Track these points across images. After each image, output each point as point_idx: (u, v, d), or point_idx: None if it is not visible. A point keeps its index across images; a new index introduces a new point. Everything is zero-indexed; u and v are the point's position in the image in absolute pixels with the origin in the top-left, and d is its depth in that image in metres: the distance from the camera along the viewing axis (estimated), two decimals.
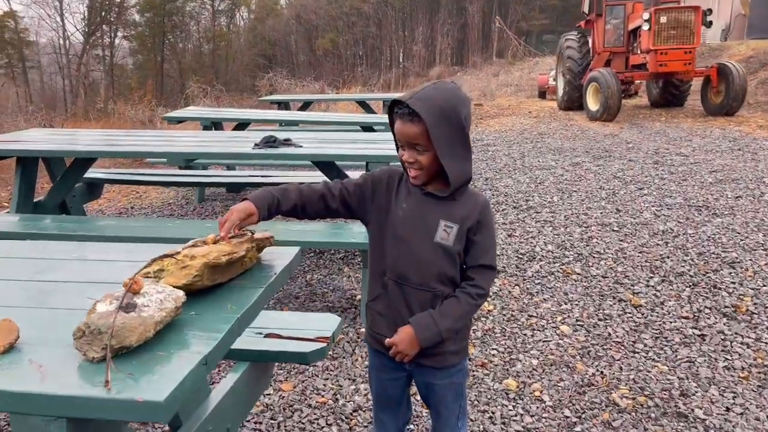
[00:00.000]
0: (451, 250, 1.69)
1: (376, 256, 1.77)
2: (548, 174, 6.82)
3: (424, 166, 1.64)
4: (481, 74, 25.43)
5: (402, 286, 1.71)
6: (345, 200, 1.74)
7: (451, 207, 1.70)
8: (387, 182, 1.75)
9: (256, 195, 1.67)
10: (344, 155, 3.52)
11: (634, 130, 9.54)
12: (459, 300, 1.71)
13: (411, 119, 1.60)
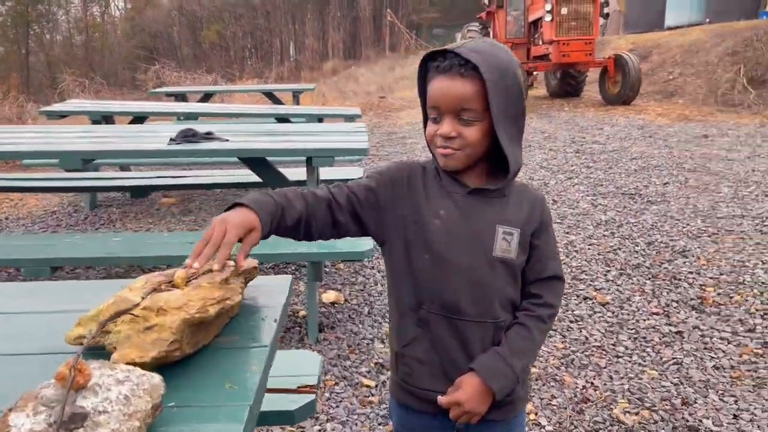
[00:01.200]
0: (514, 264, 1.27)
1: (404, 284, 1.30)
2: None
3: (470, 143, 1.20)
4: (376, 68, 25.26)
5: (452, 320, 1.26)
6: (355, 211, 1.26)
7: (504, 206, 1.28)
8: (408, 181, 1.29)
9: (255, 200, 1.14)
10: (281, 150, 2.99)
11: (544, 119, 9.60)
12: (528, 328, 1.28)
13: (462, 74, 1.16)
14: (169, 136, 3.21)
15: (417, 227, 1.26)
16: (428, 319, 1.27)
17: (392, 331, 1.38)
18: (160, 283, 1.00)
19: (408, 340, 1.31)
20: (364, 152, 2.97)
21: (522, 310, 1.30)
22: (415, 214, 1.27)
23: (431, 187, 1.29)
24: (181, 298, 0.93)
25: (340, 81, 21.96)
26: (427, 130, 1.26)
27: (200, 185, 4.35)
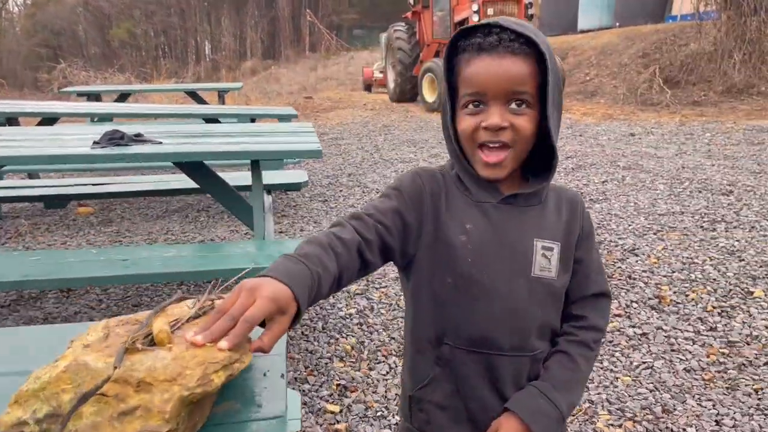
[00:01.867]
0: (555, 285, 1.07)
1: (423, 314, 1.08)
2: (411, 167, 6.43)
3: (523, 136, 0.99)
4: (297, 68, 24.88)
5: (481, 356, 1.05)
6: (384, 244, 1.01)
7: (541, 214, 1.07)
8: (429, 192, 1.06)
9: (288, 271, 0.85)
10: (225, 153, 2.68)
11: None
12: (571, 357, 1.08)
13: (514, 51, 0.95)
14: (92, 139, 2.82)
15: (440, 246, 1.04)
16: (451, 357, 1.06)
17: (405, 370, 1.16)
18: (133, 338, 0.72)
19: (425, 381, 1.09)
20: (317, 154, 2.71)
21: (564, 334, 1.11)
22: (438, 230, 1.04)
23: (454, 197, 1.06)
24: (172, 364, 0.67)
25: (261, 81, 21.43)
26: (465, 124, 1.01)
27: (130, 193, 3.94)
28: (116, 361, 0.68)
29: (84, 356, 0.70)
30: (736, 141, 6.91)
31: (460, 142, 1.05)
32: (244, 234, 4.58)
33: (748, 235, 4.09)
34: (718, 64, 9.91)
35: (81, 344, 0.76)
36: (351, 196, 5.50)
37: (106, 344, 0.73)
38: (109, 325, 0.80)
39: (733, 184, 5.20)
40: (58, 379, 0.68)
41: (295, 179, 3.58)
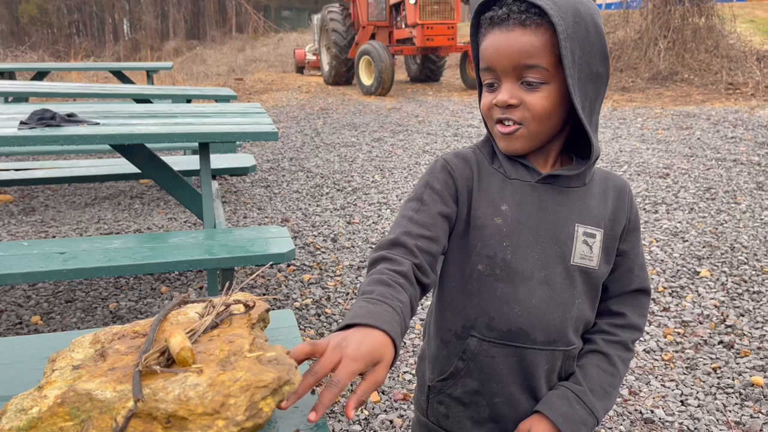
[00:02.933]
0: (596, 275, 0.99)
1: (450, 303, 1.00)
2: (356, 151, 6.30)
3: (536, 114, 0.90)
4: (224, 49, 24.11)
5: (513, 349, 0.96)
6: (432, 255, 0.93)
7: (585, 198, 0.99)
8: (463, 177, 0.98)
9: (377, 315, 0.76)
10: (171, 134, 2.46)
11: (413, 103, 9.55)
12: (610, 359, 1.01)
13: (524, 23, 0.87)
14: (18, 119, 2.54)
15: (473, 231, 0.95)
16: (478, 351, 0.97)
17: (426, 358, 1.06)
18: (147, 359, 0.56)
19: (447, 373, 1.01)
20: (273, 136, 2.53)
21: (600, 332, 1.03)
22: (471, 213, 0.96)
23: (488, 176, 0.97)
24: (209, 392, 0.52)
25: (187, 62, 20.62)
26: (483, 101, 0.95)
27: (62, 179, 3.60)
28: (136, 392, 0.53)
29: (83, 383, 0.55)
30: (666, 125, 7.17)
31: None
32: (184, 222, 4.32)
33: (688, 216, 4.22)
34: (644, 51, 10.26)
35: (68, 364, 0.60)
36: (294, 180, 5.31)
37: (108, 365, 0.58)
38: (99, 340, 0.65)
39: (669, 167, 5.38)
40: (52, 414, 0.53)
41: (242, 163, 3.37)
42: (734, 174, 5.08)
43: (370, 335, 0.72)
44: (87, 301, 3.13)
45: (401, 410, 2.29)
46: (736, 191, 4.66)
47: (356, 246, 3.84)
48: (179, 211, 4.56)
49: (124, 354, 0.62)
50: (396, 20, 11.58)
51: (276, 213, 4.48)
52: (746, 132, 6.55)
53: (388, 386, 2.43)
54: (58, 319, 2.93)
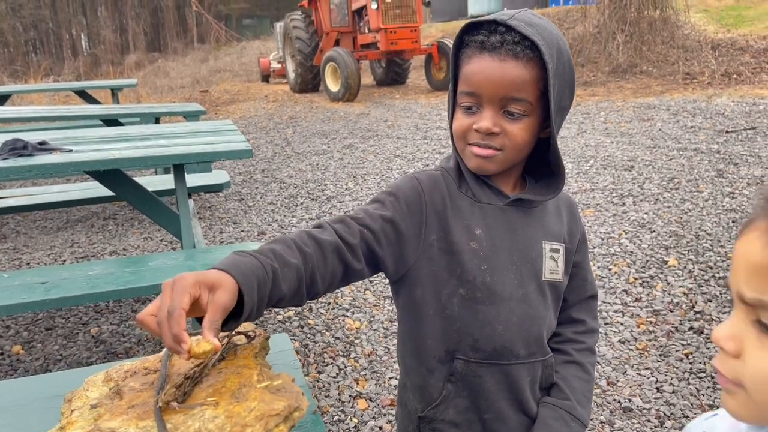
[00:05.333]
0: (561, 287, 1.07)
1: (430, 330, 1.03)
2: (327, 159, 6.34)
3: (515, 144, 0.95)
4: (186, 60, 23.85)
5: (498, 366, 1.01)
6: (371, 252, 0.95)
7: (544, 217, 1.05)
8: (429, 198, 1.01)
9: (229, 262, 0.77)
10: (146, 158, 2.48)
11: (381, 108, 9.62)
12: (584, 367, 1.08)
13: (517, 55, 0.90)
14: None
15: (449, 256, 0.99)
16: (465, 372, 1.01)
17: (409, 389, 1.09)
18: (166, 397, 0.61)
19: (437, 399, 1.04)
20: (247, 153, 2.57)
21: (569, 341, 1.10)
22: (445, 239, 0.99)
23: (458, 200, 1.02)
24: (227, 423, 0.57)
25: (149, 75, 20.37)
26: (458, 123, 0.98)
27: (40, 205, 3.57)
28: (160, 429, 0.57)
29: (106, 422, 0.59)
30: (628, 118, 7.36)
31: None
32: (160, 241, 4.31)
33: (654, 207, 4.36)
34: (603, 45, 10.50)
35: (85, 404, 0.64)
36: (268, 192, 5.33)
37: (126, 403, 0.62)
38: (112, 378, 0.69)
39: (633, 160, 5.53)
40: None
41: (216, 180, 3.39)
42: (695, 163, 5.26)
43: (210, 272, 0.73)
44: (68, 327, 3.12)
45: (389, 416, 2.35)
46: (698, 180, 4.82)
47: None
48: (154, 230, 4.55)
49: (139, 391, 0.66)
50: (359, 25, 11.64)
51: (252, 226, 4.50)
52: (705, 121, 6.77)
53: (375, 393, 2.48)
54: (39, 348, 2.91)
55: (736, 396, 0.58)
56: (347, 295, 3.34)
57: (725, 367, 0.58)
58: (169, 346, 0.65)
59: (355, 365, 2.68)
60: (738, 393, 0.58)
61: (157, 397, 0.63)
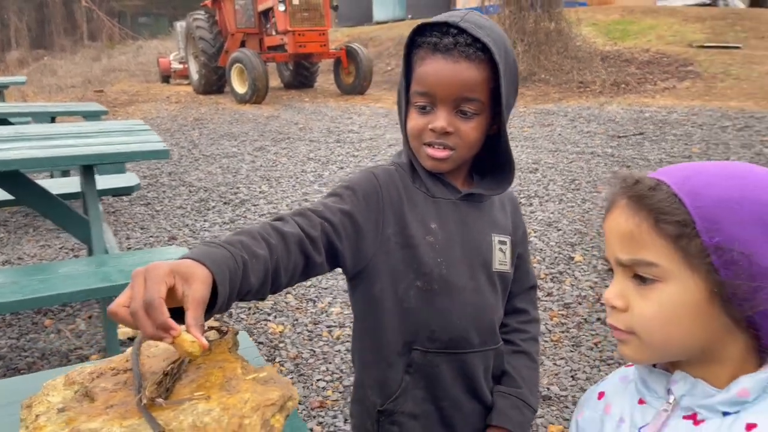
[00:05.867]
0: (509, 278, 1.12)
1: (388, 323, 1.04)
2: (238, 162, 6.19)
3: (467, 142, 0.99)
4: (76, 59, 22.50)
5: (455, 356, 1.04)
6: (331, 246, 0.95)
7: (492, 211, 1.10)
8: (386, 193, 1.02)
9: (200, 253, 0.74)
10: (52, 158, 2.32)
11: (291, 111, 9.52)
12: (531, 356, 1.14)
13: (469, 57, 0.94)
14: None
15: (406, 250, 1.01)
16: (423, 363, 1.04)
17: (367, 385, 1.09)
18: (150, 393, 0.58)
19: (396, 392, 1.05)
20: (164, 154, 2.47)
21: (515, 331, 1.15)
22: (401, 233, 1.01)
23: (413, 194, 1.04)
24: (224, 415, 0.55)
25: (34, 74, 19.01)
26: (413, 122, 1.00)
27: None
28: (155, 426, 0.55)
29: (85, 424, 0.55)
30: (530, 123, 7.73)
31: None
32: (60, 249, 4.04)
33: (558, 207, 4.61)
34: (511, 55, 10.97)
35: (49, 408, 0.59)
36: (177, 196, 5.13)
37: (101, 404, 0.58)
38: (75, 380, 0.64)
39: (537, 162, 5.81)
40: None
41: (126, 183, 3.21)
42: (593, 165, 5.61)
43: (184, 261, 0.71)
44: None
45: (319, 418, 2.33)
46: (596, 181, 5.15)
47: None
48: (51, 237, 4.25)
49: (112, 391, 0.62)
50: (266, 27, 11.47)
51: (161, 231, 4.31)
52: (599, 126, 7.24)
53: (303, 396, 2.45)
54: None
55: (630, 344, 0.71)
56: (268, 299, 3.28)
57: (618, 321, 0.71)
58: (151, 336, 0.63)
59: (281, 369, 2.63)
60: (631, 340, 0.71)
61: (139, 395, 0.60)
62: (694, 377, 0.70)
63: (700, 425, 0.69)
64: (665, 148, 6.06)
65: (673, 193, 0.66)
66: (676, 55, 10.65)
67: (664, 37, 11.90)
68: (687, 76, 9.64)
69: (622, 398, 0.79)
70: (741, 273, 0.63)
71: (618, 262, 0.71)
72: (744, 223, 0.63)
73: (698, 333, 0.67)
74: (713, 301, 0.66)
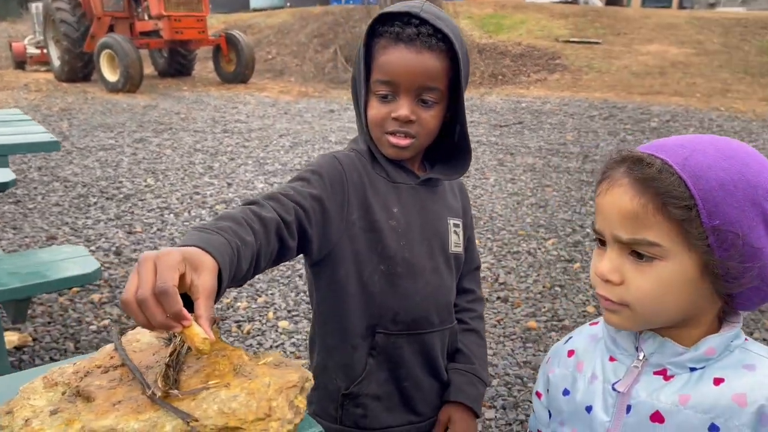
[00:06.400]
0: (462, 259, 1.17)
1: (352, 308, 1.05)
2: (117, 154, 5.80)
3: (428, 130, 1.02)
4: None
5: (416, 336, 1.06)
6: (303, 230, 0.94)
7: (445, 195, 1.15)
8: (349, 178, 1.03)
9: (200, 239, 0.71)
10: None
11: (170, 100, 9.05)
12: (480, 334, 1.20)
13: (431, 47, 0.96)
14: None
15: (370, 234, 1.02)
16: (386, 345, 1.05)
17: (331, 370, 1.09)
18: (164, 386, 0.54)
19: (360, 375, 1.06)
20: (54, 146, 2.27)
21: (464, 311, 1.20)
22: (365, 218, 1.01)
23: (374, 179, 1.04)
24: (252, 400, 0.54)
25: None
26: (375, 111, 1.01)
27: None
28: (185, 416, 0.52)
29: (97, 422, 0.51)
30: None
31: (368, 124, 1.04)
32: None
33: None
34: None
35: (36, 412, 0.54)
36: (51, 193, 4.72)
37: (105, 401, 0.54)
38: (57, 381, 0.59)
39: None
40: None
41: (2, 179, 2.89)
42: (480, 153, 5.86)
43: (190, 249, 0.68)
44: None
45: None
46: (484, 168, 5.39)
47: None
48: None
49: (110, 389, 0.58)
50: (137, 11, 10.80)
51: (37, 231, 3.95)
52: (482, 116, 7.57)
53: None
54: None
55: (620, 314, 0.75)
56: None
57: (611, 293, 0.74)
58: (161, 324, 0.60)
59: None
60: (623, 311, 0.74)
61: (151, 389, 0.56)
62: (662, 336, 0.76)
63: (671, 380, 0.75)
64: (543, 135, 6.48)
65: (679, 176, 0.68)
66: (545, 48, 11.37)
67: (533, 31, 12.67)
68: (556, 69, 10.34)
69: (593, 356, 0.84)
70: (734, 253, 0.68)
71: (616, 239, 0.73)
72: (740, 206, 0.67)
73: (686, 305, 0.72)
74: (704, 277, 0.70)
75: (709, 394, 0.72)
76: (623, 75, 9.76)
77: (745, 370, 0.72)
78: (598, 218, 0.76)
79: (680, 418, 0.73)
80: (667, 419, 0.74)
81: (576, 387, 0.84)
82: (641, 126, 6.81)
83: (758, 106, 7.78)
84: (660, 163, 0.69)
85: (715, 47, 11.34)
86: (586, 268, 3.48)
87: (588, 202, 4.49)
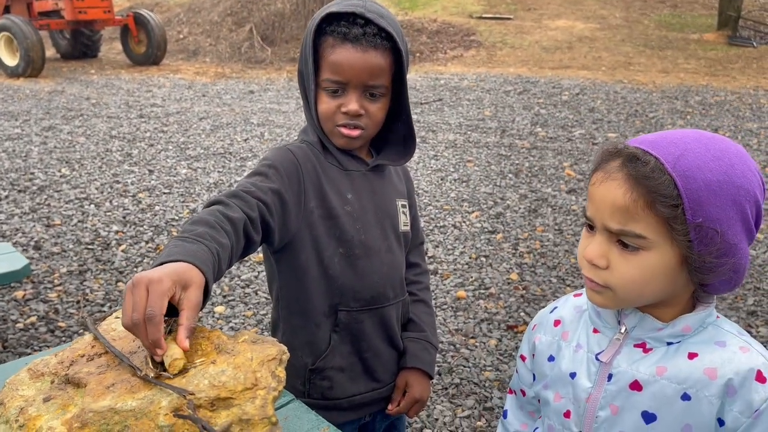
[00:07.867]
0: (409, 236, 1.27)
1: (314, 289, 1.13)
2: (25, 144, 5.51)
3: (375, 121, 1.12)
4: None
5: (375, 311, 1.17)
6: (266, 224, 1.01)
7: (392, 178, 1.26)
8: (307, 169, 1.11)
9: (186, 252, 0.78)
10: None
11: (77, 84, 8.60)
12: (428, 304, 1.32)
13: (376, 46, 1.05)
14: None
15: (328, 221, 1.10)
16: (348, 321, 1.15)
17: (297, 348, 1.16)
18: (154, 371, 0.60)
19: (325, 351, 1.15)
20: None
21: (413, 283, 1.30)
22: (322, 206, 1.10)
23: (327, 168, 1.13)
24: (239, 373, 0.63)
25: None
26: (325, 105, 1.08)
27: None
28: (182, 391, 0.58)
29: (96, 403, 0.56)
30: None
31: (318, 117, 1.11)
32: None
33: None
34: (303, 22, 11.01)
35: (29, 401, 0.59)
36: None
37: (98, 386, 0.59)
38: (44, 372, 0.63)
39: None
40: None
41: None
42: None
43: (172, 264, 0.75)
44: None
45: None
46: None
47: (68, 249, 3.49)
48: None
49: (101, 374, 0.63)
50: None
51: None
52: None
53: None
54: None
55: (603, 295, 0.82)
56: (97, 290, 3.06)
57: (597, 276, 0.81)
58: (146, 347, 0.68)
59: None
60: (606, 292, 0.81)
61: (142, 372, 0.61)
62: (643, 312, 0.84)
63: (649, 353, 0.84)
64: (462, 112, 6.67)
65: (670, 176, 0.73)
66: (460, 25, 11.60)
67: (448, 8, 12.86)
68: (471, 45, 10.58)
69: (577, 327, 0.93)
70: (712, 248, 0.74)
71: (606, 228, 0.78)
72: (722, 204, 0.73)
73: (664, 291, 0.80)
74: (682, 266, 0.77)
75: (684, 367, 0.80)
76: (535, 50, 10.13)
77: (716, 346, 0.80)
78: (590, 206, 0.81)
79: (656, 387, 0.81)
80: (644, 388, 0.82)
81: (561, 354, 0.92)
82: (553, 100, 7.13)
83: (658, 77, 8.31)
84: (654, 161, 0.74)
85: (617, 22, 11.95)
86: (509, 238, 3.68)
87: (507, 175, 4.71)
